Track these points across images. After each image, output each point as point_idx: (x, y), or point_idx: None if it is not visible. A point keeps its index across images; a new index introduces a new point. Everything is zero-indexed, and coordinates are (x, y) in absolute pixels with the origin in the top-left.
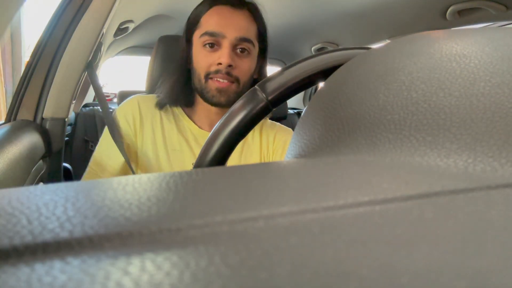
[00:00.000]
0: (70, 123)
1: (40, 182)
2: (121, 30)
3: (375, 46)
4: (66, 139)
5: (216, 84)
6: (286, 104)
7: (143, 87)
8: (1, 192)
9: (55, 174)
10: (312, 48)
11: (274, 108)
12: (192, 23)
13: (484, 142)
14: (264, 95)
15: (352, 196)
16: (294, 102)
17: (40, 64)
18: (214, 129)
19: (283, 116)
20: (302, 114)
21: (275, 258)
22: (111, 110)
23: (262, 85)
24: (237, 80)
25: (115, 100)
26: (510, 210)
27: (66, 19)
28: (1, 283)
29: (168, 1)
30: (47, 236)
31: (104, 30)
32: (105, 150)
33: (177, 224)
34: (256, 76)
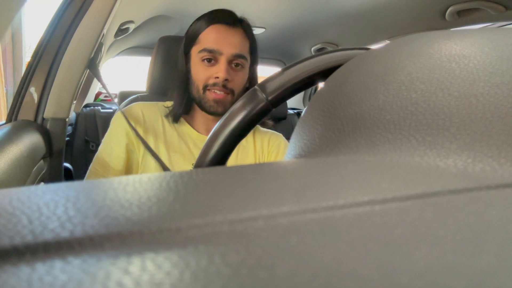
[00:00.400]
0: (71, 123)
1: (41, 182)
2: (121, 31)
3: (374, 46)
4: (67, 139)
5: (213, 95)
6: (286, 104)
7: (144, 87)
8: (2, 192)
9: (56, 174)
10: (312, 48)
11: (274, 108)
12: (191, 39)
13: (483, 142)
14: (264, 95)
15: (352, 196)
16: (294, 102)
17: (41, 65)
18: (214, 129)
19: (283, 116)
20: (302, 114)
21: (275, 258)
22: (111, 110)
23: (262, 85)
24: (232, 92)
25: (116, 100)
26: (510, 210)
27: (67, 20)
28: (2, 283)
29: (169, 1)
30: (48, 236)
31: (105, 31)
32: (107, 149)
33: (177, 224)
34: (247, 85)
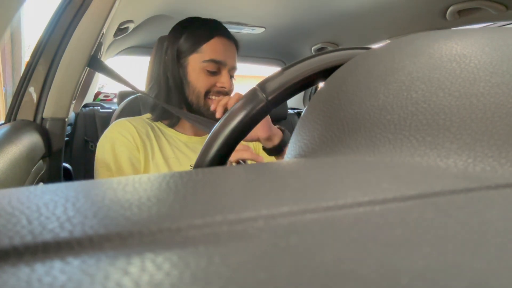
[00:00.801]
0: (70, 123)
1: (40, 182)
2: (121, 30)
3: (375, 46)
4: (66, 139)
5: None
6: (286, 104)
7: (143, 87)
8: (1, 192)
9: (55, 174)
10: (312, 48)
11: (274, 108)
12: (189, 46)
13: (484, 142)
14: (264, 95)
15: (352, 196)
16: (294, 102)
17: (40, 64)
18: (214, 129)
19: (283, 116)
20: (302, 114)
21: (275, 258)
22: (111, 110)
23: (262, 85)
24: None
25: (115, 100)
26: (510, 210)
27: (66, 19)
28: (1, 283)
29: (168, 1)
30: (47, 236)
31: (104, 30)
32: (108, 154)
33: (177, 224)
34: None
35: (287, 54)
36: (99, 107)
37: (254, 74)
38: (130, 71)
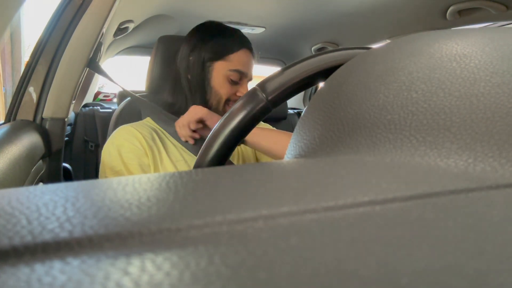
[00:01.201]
0: (70, 123)
1: (40, 182)
2: (121, 30)
3: (375, 46)
4: (66, 139)
5: None
6: (286, 104)
7: (143, 87)
8: (1, 192)
9: (55, 174)
10: (312, 48)
11: (274, 108)
12: (216, 53)
13: (484, 142)
14: (264, 95)
15: (352, 196)
16: (294, 102)
17: (40, 64)
18: (214, 129)
19: (283, 116)
20: (302, 114)
21: (275, 258)
22: (111, 110)
23: (262, 85)
24: None
25: (115, 100)
26: (510, 210)
27: (65, 19)
28: (1, 283)
29: (168, 1)
30: (47, 236)
31: (104, 30)
32: (116, 161)
33: (177, 224)
34: None
35: (287, 54)
36: (99, 107)
37: (254, 74)
38: (130, 71)
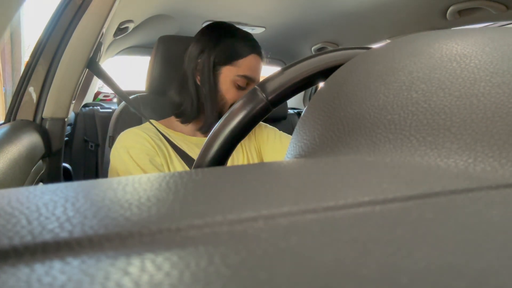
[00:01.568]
0: (70, 123)
1: (40, 182)
2: (121, 30)
3: (375, 46)
4: (66, 139)
5: None
6: (286, 104)
7: (143, 87)
8: (1, 192)
9: (55, 174)
10: (312, 48)
11: (274, 108)
12: (226, 57)
13: (484, 142)
14: (264, 95)
15: (352, 196)
16: (294, 102)
17: (40, 64)
18: (214, 129)
19: (283, 116)
20: (302, 114)
21: (275, 258)
22: (111, 110)
23: (262, 85)
24: None
25: (115, 100)
26: (510, 210)
27: (65, 19)
28: (0, 283)
29: (168, 1)
30: (47, 236)
31: (104, 30)
32: (129, 163)
33: (177, 224)
34: None
35: (287, 54)
36: (98, 107)
37: None
38: (129, 71)
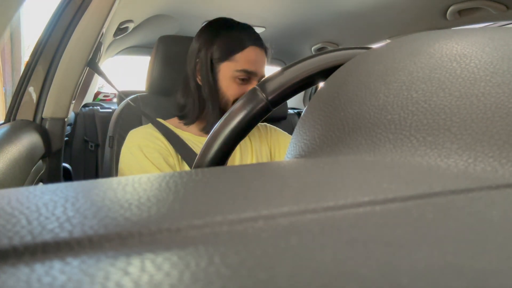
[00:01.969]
0: (70, 123)
1: (40, 182)
2: (121, 30)
3: (375, 46)
4: (66, 139)
5: None
6: (286, 104)
7: (143, 87)
8: (0, 192)
9: (55, 174)
10: (312, 48)
11: (274, 108)
12: (222, 54)
13: (484, 142)
14: (264, 95)
15: (352, 196)
16: (294, 102)
17: (39, 64)
18: (214, 129)
19: (283, 116)
20: (302, 114)
21: (275, 258)
22: (111, 110)
23: (262, 85)
24: None
25: (115, 100)
26: (510, 210)
27: (65, 19)
28: (1, 283)
29: (168, 1)
30: (47, 236)
31: (104, 30)
32: (143, 161)
33: (177, 224)
34: None
35: (287, 54)
36: (98, 107)
37: None
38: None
